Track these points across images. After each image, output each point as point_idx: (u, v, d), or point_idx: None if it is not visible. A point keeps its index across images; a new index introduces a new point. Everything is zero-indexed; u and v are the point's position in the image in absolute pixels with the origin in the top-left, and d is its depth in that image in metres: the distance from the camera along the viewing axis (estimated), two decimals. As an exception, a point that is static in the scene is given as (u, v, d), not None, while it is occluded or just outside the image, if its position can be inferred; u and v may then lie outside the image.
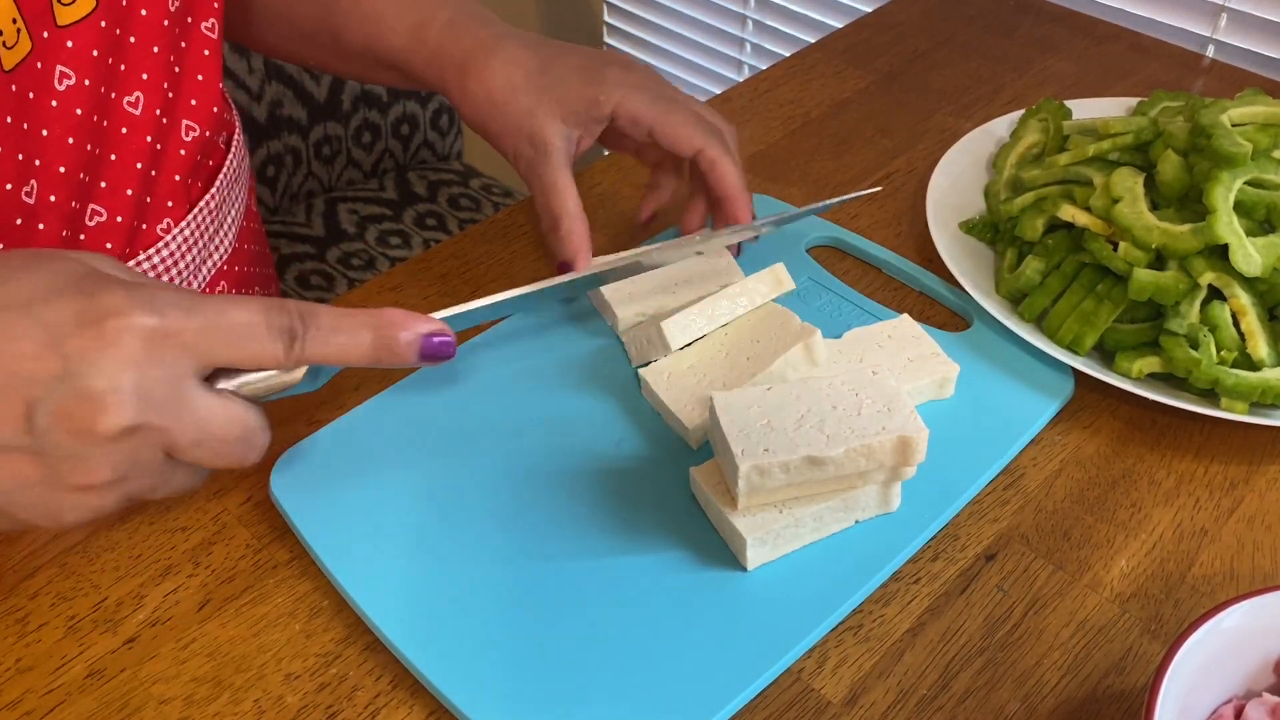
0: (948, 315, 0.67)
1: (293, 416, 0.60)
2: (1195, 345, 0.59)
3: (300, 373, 0.46)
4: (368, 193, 1.23)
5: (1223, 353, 0.59)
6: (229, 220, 0.70)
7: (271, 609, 0.51)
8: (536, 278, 0.69)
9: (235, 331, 0.42)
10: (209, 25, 0.64)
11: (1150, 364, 0.60)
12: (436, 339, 0.47)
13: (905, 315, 0.62)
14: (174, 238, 0.64)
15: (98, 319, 0.40)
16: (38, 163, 0.55)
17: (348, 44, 0.68)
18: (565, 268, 0.62)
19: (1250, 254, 0.59)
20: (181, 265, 0.65)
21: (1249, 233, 0.60)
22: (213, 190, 0.67)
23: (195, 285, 0.68)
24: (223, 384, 0.44)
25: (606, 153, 0.74)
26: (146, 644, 0.50)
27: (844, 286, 0.67)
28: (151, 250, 0.63)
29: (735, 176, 0.62)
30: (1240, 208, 0.60)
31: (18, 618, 0.50)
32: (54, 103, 0.55)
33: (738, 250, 0.67)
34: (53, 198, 0.56)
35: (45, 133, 0.55)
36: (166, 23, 0.59)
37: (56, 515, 0.42)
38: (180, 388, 0.42)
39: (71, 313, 0.40)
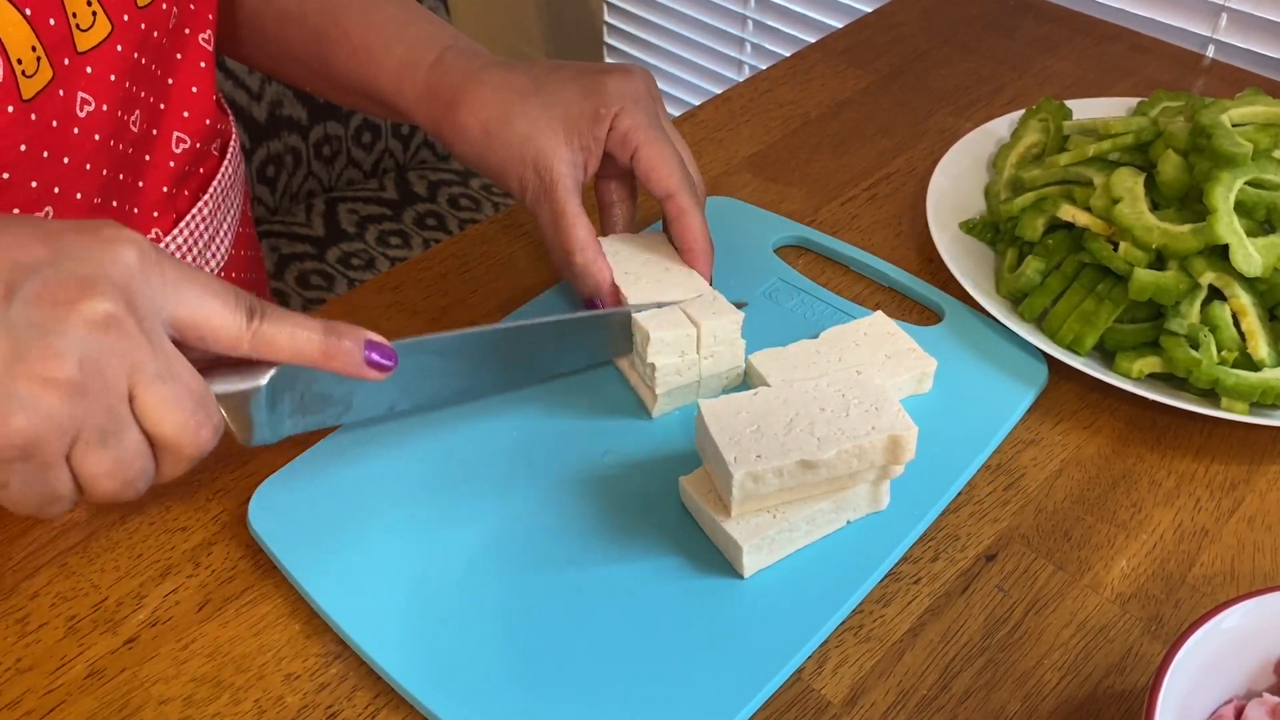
0: (919, 310, 0.67)
1: (293, 416, 0.60)
2: (1195, 345, 0.59)
3: (263, 380, 0.47)
4: (368, 192, 1.23)
5: (1223, 353, 0.59)
6: (224, 227, 0.69)
7: (271, 609, 0.51)
8: (537, 280, 0.69)
9: (209, 287, 0.44)
10: (205, 37, 0.63)
11: (1150, 364, 0.60)
12: (381, 348, 0.48)
13: (879, 312, 0.62)
14: (165, 248, 0.63)
15: (95, 226, 0.42)
16: (56, 190, 0.55)
17: (337, 75, 0.66)
18: (591, 306, 0.60)
19: (1250, 254, 0.59)
20: None
21: (1249, 233, 0.60)
22: (205, 198, 0.66)
23: None
24: None
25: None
26: (146, 644, 0.50)
27: (815, 285, 0.67)
28: None
29: (701, 231, 0.60)
30: (1240, 208, 0.60)
31: (18, 618, 0.50)
32: (76, 130, 0.54)
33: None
34: None
35: (66, 160, 0.54)
36: (166, 41, 0.59)
37: (4, 413, 0.39)
38: (156, 319, 0.42)
39: (70, 225, 0.42)
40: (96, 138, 0.55)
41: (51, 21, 0.51)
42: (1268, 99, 0.66)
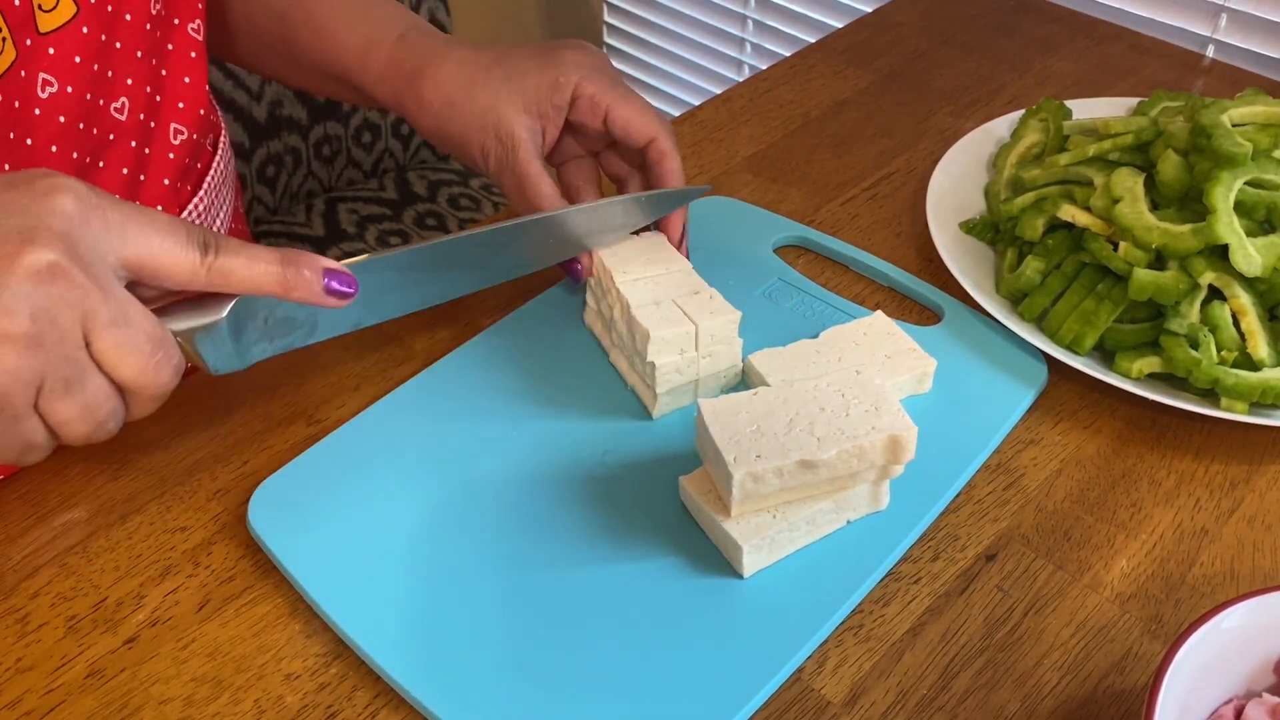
0: (918, 310, 0.67)
1: (293, 416, 0.60)
2: (1195, 345, 0.59)
3: (223, 313, 0.47)
4: (368, 193, 1.23)
5: (1223, 353, 0.59)
6: (218, 223, 0.70)
7: (271, 609, 0.51)
8: (536, 280, 0.69)
9: (157, 224, 0.44)
10: (194, 27, 0.63)
11: (1150, 364, 0.60)
12: (339, 275, 0.48)
13: (879, 312, 0.62)
14: None
15: (29, 178, 0.42)
16: None
17: (301, 57, 0.67)
18: (567, 262, 0.61)
19: (1250, 254, 0.59)
20: None
21: (1249, 233, 0.60)
22: (201, 193, 0.67)
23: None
24: None
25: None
26: (146, 644, 0.50)
27: (814, 285, 0.67)
28: None
29: (680, 172, 0.62)
30: (1240, 208, 0.60)
31: (18, 618, 0.50)
32: (37, 110, 0.54)
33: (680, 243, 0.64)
34: None
35: (30, 141, 0.54)
36: (149, 26, 0.59)
37: None
38: (103, 264, 0.42)
39: (5, 179, 0.42)
40: (61, 120, 0.55)
41: (16, 2, 0.51)
42: (1268, 99, 0.66)
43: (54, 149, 0.56)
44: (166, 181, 0.64)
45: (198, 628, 0.50)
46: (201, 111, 0.65)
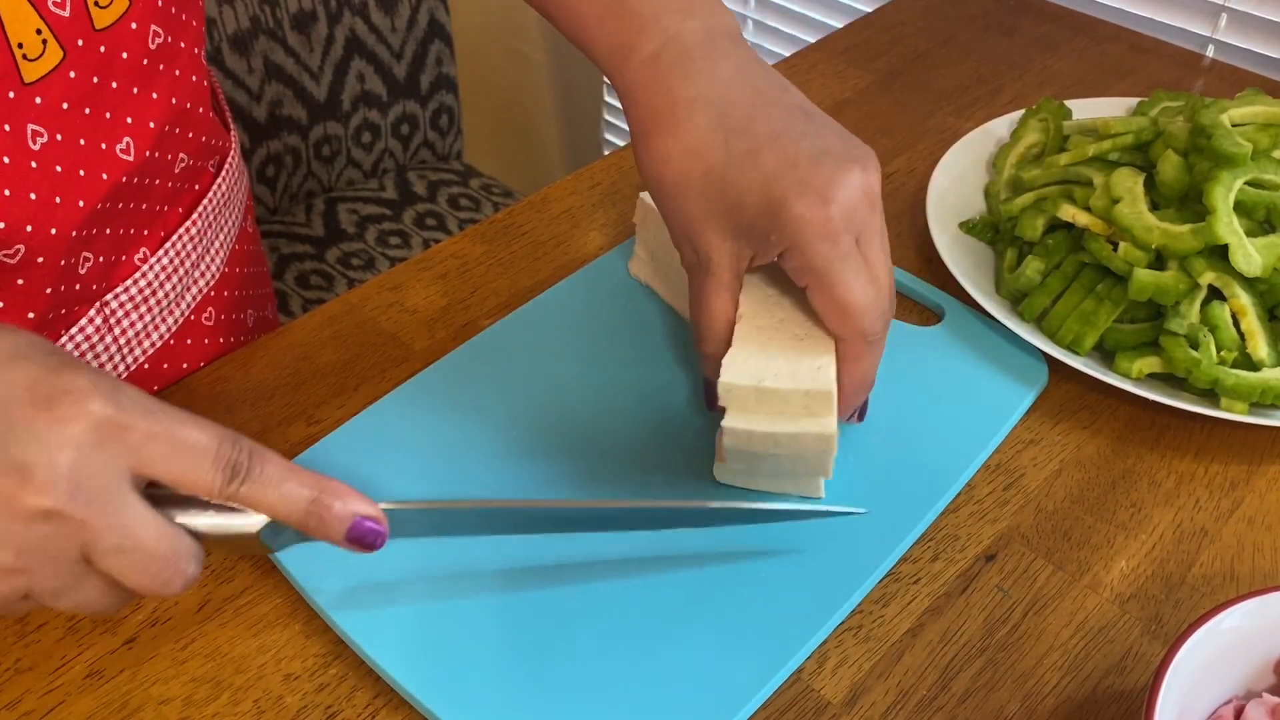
0: (919, 310, 0.67)
1: (293, 416, 0.60)
2: (1195, 345, 0.59)
3: (257, 525, 0.44)
4: (367, 193, 1.24)
5: (1223, 353, 0.59)
6: (215, 245, 0.68)
7: (271, 609, 0.51)
8: (537, 279, 0.69)
9: (184, 446, 0.41)
10: (197, 50, 0.62)
11: (1150, 364, 0.60)
12: (368, 524, 0.45)
13: None
14: (150, 267, 0.62)
15: (51, 394, 0.38)
16: (29, 228, 0.53)
17: (560, 28, 0.59)
18: (709, 389, 0.55)
19: (1250, 254, 0.59)
20: (160, 295, 0.63)
21: (1249, 233, 0.60)
22: (194, 216, 0.65)
23: (177, 314, 0.65)
24: (174, 515, 0.42)
25: (607, 152, 0.73)
26: (146, 644, 0.50)
27: None
28: (129, 281, 0.61)
29: (859, 380, 0.52)
30: (1240, 208, 0.60)
31: (18, 618, 0.50)
32: (34, 164, 0.52)
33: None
34: (41, 259, 0.54)
35: (34, 196, 0.52)
36: (146, 62, 0.56)
37: None
38: (115, 485, 0.39)
39: (27, 381, 0.39)
40: (58, 169, 0.53)
41: None
42: (1268, 99, 0.66)
43: (58, 199, 0.54)
44: (159, 208, 0.62)
45: (197, 628, 0.50)
46: (204, 138, 0.64)
